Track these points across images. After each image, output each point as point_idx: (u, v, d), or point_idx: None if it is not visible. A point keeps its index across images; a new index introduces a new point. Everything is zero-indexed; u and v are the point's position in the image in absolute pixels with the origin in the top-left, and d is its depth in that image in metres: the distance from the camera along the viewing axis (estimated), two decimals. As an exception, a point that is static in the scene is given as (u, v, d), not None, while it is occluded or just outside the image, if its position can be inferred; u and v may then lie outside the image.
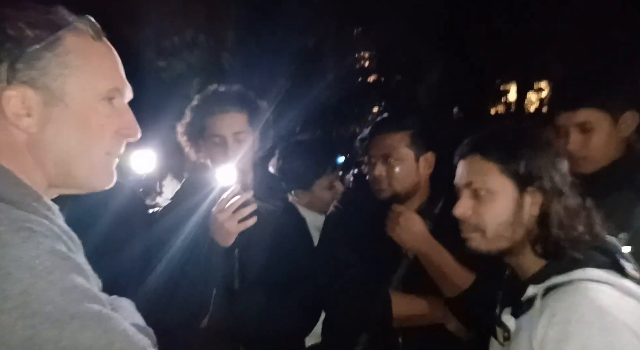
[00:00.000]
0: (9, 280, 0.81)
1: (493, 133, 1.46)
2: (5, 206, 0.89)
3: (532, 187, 1.35)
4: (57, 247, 0.88)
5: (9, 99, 0.95)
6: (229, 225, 1.84)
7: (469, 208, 1.41)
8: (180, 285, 1.89)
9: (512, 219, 1.36)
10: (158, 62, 8.16)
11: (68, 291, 0.86)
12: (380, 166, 2.05)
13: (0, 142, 0.97)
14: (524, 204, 1.36)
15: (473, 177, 1.41)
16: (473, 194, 1.41)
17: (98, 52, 1.04)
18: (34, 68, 0.96)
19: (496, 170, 1.38)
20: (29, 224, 0.87)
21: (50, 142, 0.99)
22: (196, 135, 2.11)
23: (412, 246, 2.01)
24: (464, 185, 1.43)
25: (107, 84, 1.03)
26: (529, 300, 1.32)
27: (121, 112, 1.06)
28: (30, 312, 0.82)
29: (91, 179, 1.05)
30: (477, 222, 1.40)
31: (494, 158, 1.38)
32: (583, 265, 1.29)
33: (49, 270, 0.85)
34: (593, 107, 1.91)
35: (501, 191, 1.37)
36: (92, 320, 0.86)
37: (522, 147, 1.37)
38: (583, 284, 1.25)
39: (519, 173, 1.36)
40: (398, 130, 2.07)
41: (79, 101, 0.99)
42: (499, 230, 1.37)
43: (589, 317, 1.18)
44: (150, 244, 1.98)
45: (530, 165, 1.35)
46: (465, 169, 1.44)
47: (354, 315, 2.00)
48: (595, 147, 1.92)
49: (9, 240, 0.84)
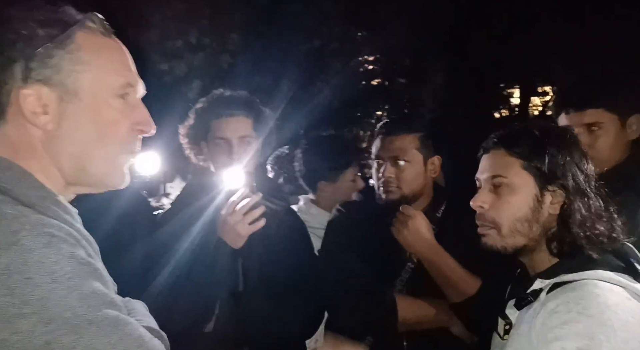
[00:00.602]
0: (29, 285, 0.82)
1: (519, 129, 1.46)
2: (25, 210, 0.90)
3: (554, 185, 1.36)
4: (77, 252, 0.89)
5: (26, 97, 0.96)
6: (241, 228, 1.86)
7: (488, 201, 1.42)
8: (186, 288, 1.88)
9: (530, 215, 1.37)
10: (162, 65, 8.17)
11: (86, 297, 0.86)
12: (390, 168, 2.04)
13: (17, 141, 0.98)
14: (544, 201, 1.36)
15: (495, 171, 1.41)
16: (493, 188, 1.41)
17: (109, 47, 1.05)
18: (48, 66, 0.96)
19: (519, 165, 1.38)
20: (49, 228, 0.87)
21: (66, 139, 0.99)
22: (199, 138, 2.11)
23: (416, 250, 2.00)
24: (485, 179, 1.44)
25: (119, 79, 1.04)
26: (534, 293, 1.32)
27: (135, 107, 1.07)
28: (49, 317, 0.82)
29: (106, 176, 1.06)
30: (494, 217, 1.40)
31: (518, 153, 1.39)
32: (595, 267, 1.28)
33: (69, 276, 0.85)
34: (601, 107, 1.90)
35: (522, 187, 1.37)
36: (109, 326, 0.87)
37: (547, 145, 1.37)
38: (592, 282, 1.25)
39: (542, 170, 1.36)
40: (408, 132, 2.07)
41: (92, 96, 1.00)
42: (516, 225, 1.37)
43: (591, 311, 1.17)
44: (154, 246, 1.97)
45: (554, 163, 1.35)
46: (489, 162, 1.45)
47: (358, 318, 1.99)
48: (601, 148, 1.91)
49: (30, 245, 0.84)
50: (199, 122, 2.10)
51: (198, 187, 2.14)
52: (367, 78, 13.55)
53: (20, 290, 0.81)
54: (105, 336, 0.86)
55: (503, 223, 1.38)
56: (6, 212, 0.87)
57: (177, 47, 8.31)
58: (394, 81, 13.76)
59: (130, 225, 2.05)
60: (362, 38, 12.32)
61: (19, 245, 0.83)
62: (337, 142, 3.14)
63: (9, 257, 0.82)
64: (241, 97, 2.13)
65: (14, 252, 0.83)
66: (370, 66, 13.86)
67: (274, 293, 2.01)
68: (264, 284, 2.02)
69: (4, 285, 0.81)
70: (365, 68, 13.72)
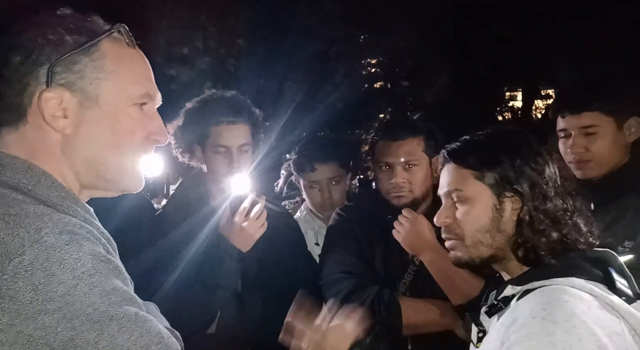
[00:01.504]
0: (52, 282, 0.84)
1: (467, 140, 1.45)
2: (47, 209, 0.92)
3: (509, 192, 1.33)
4: (98, 250, 0.90)
5: (48, 100, 0.98)
6: (253, 231, 1.92)
7: (448, 216, 1.41)
8: (195, 291, 1.90)
9: (490, 225, 1.34)
10: (167, 70, 8.19)
11: (107, 293, 0.88)
12: (402, 172, 2.04)
13: (36, 143, 1.01)
14: (504, 209, 1.34)
15: (451, 185, 1.41)
16: (452, 202, 1.41)
17: (132, 58, 1.08)
18: (72, 71, 1.00)
19: (471, 176, 1.37)
20: (71, 226, 0.89)
21: (83, 143, 1.02)
22: (194, 141, 2.10)
23: (419, 252, 2.00)
24: (444, 193, 1.44)
25: (139, 89, 1.06)
26: (505, 299, 1.30)
27: (152, 117, 1.09)
28: (72, 313, 0.84)
29: (121, 181, 1.08)
30: (457, 231, 1.39)
31: (468, 165, 1.38)
32: (568, 274, 1.24)
33: (90, 273, 0.87)
34: (597, 110, 1.90)
35: (478, 197, 1.35)
36: (129, 322, 0.89)
37: (497, 152, 1.35)
38: (562, 287, 1.21)
39: (495, 178, 1.34)
40: (415, 135, 2.08)
41: (112, 104, 1.03)
42: (477, 236, 1.35)
43: (557, 317, 1.12)
44: (159, 249, 1.98)
45: (506, 169, 1.33)
46: (444, 177, 1.44)
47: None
48: (598, 151, 1.91)
49: (53, 242, 0.85)
50: (194, 126, 2.08)
51: (193, 191, 2.15)
52: (370, 81, 13.55)
53: (43, 287, 0.83)
54: (127, 332, 0.88)
55: (465, 235, 1.37)
56: (29, 211, 0.89)
57: (183, 52, 8.34)
58: (397, 84, 13.76)
59: (133, 227, 2.05)
60: (366, 41, 12.33)
61: (42, 242, 0.85)
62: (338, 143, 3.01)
63: (33, 254, 0.84)
64: (240, 103, 2.12)
65: (37, 250, 0.84)
66: (373, 69, 13.87)
67: (270, 293, 2.03)
68: (261, 284, 2.03)
69: (28, 282, 0.82)
70: (369, 71, 13.72)
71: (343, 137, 3.37)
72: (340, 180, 2.62)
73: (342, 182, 2.63)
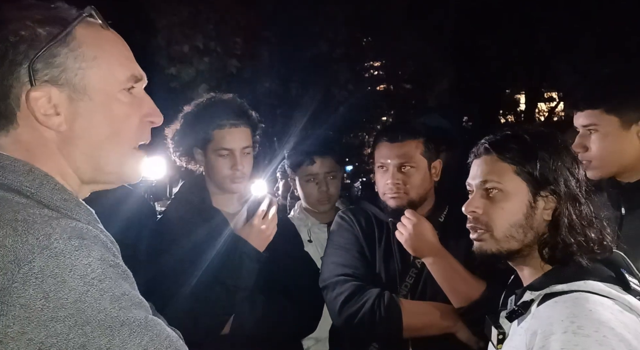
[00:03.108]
0: (63, 289, 0.82)
1: (510, 134, 1.45)
2: (52, 213, 0.90)
3: (546, 191, 1.35)
4: (106, 255, 0.89)
5: (36, 100, 0.95)
6: (270, 232, 2.00)
7: (480, 207, 1.40)
8: (215, 292, 1.93)
9: (524, 221, 1.36)
10: (168, 70, 8.21)
11: (118, 298, 0.87)
12: (397, 174, 2.05)
13: (32, 144, 0.97)
14: (537, 207, 1.35)
15: (487, 177, 1.40)
16: (486, 194, 1.40)
17: (110, 40, 1.03)
18: (53, 66, 0.95)
19: (511, 171, 1.37)
20: (78, 231, 0.88)
21: (81, 138, 0.99)
22: (192, 145, 2.11)
23: (422, 254, 2.00)
24: (477, 184, 1.43)
25: (124, 71, 1.02)
26: (525, 304, 1.31)
27: (142, 99, 1.06)
28: (83, 320, 0.83)
29: (122, 171, 1.05)
30: (487, 222, 1.39)
31: (510, 159, 1.38)
32: (585, 277, 1.26)
33: (101, 278, 0.86)
34: (599, 108, 1.84)
35: (515, 193, 1.36)
36: (139, 327, 0.88)
37: (539, 150, 1.36)
38: (583, 295, 1.22)
39: (534, 176, 1.35)
40: (413, 137, 2.08)
41: (102, 93, 0.99)
42: (510, 231, 1.36)
43: (587, 330, 1.14)
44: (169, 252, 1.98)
45: (546, 168, 1.34)
46: (480, 168, 1.43)
47: (363, 326, 1.98)
48: (597, 151, 1.85)
49: (62, 248, 0.84)
50: (195, 129, 2.09)
51: (195, 194, 2.16)
52: (373, 83, 13.56)
53: (54, 294, 0.82)
54: (137, 337, 0.87)
55: (497, 228, 1.37)
56: (36, 216, 0.87)
57: (184, 52, 8.35)
58: (400, 86, 13.76)
59: (136, 230, 2.05)
60: (369, 43, 12.33)
61: (52, 249, 0.83)
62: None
63: (43, 261, 0.82)
64: (240, 106, 2.14)
65: (47, 256, 0.83)
66: (376, 72, 13.88)
67: (275, 293, 2.05)
68: (268, 285, 2.05)
69: (38, 289, 0.81)
70: (372, 73, 13.73)
71: (339, 135, 3.44)
72: (336, 176, 2.68)
73: (338, 178, 2.69)
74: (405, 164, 2.05)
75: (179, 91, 7.83)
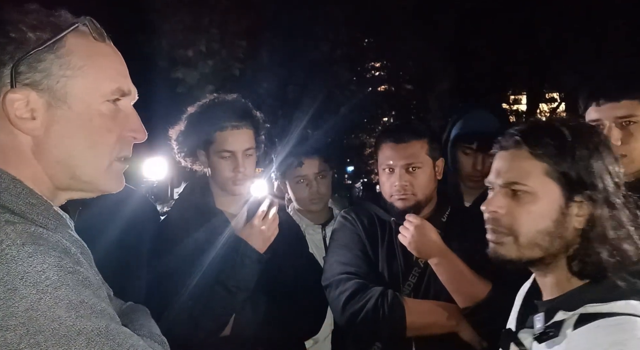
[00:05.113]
0: (14, 297, 0.80)
1: (544, 126, 1.25)
2: (12, 218, 0.88)
3: (582, 196, 1.17)
4: (64, 261, 0.86)
5: (13, 102, 0.93)
6: (271, 233, 2.00)
7: (503, 207, 1.23)
8: (217, 294, 1.93)
9: (553, 228, 1.18)
10: (171, 73, 8.23)
11: (75, 306, 0.84)
12: (404, 175, 2.04)
13: (6, 147, 0.96)
14: (569, 213, 1.18)
15: (514, 176, 1.22)
16: (510, 193, 1.23)
17: (100, 53, 1.02)
18: (37, 70, 0.94)
19: (543, 170, 1.19)
20: (35, 237, 0.85)
21: (55, 145, 0.97)
22: (195, 146, 2.11)
23: (426, 254, 1.99)
24: (500, 184, 1.25)
25: (110, 85, 1.01)
26: (556, 324, 1.15)
27: (128, 114, 1.04)
28: (35, 329, 0.80)
29: (98, 182, 1.03)
30: (511, 226, 1.22)
31: (542, 156, 1.19)
32: (626, 296, 1.11)
33: (56, 285, 0.83)
34: (637, 99, 1.73)
35: (545, 195, 1.19)
36: (99, 336, 0.85)
37: (577, 148, 1.17)
38: (628, 319, 1.07)
39: (570, 177, 1.17)
40: (418, 138, 2.08)
41: (82, 103, 0.98)
42: (536, 238, 1.19)
43: None
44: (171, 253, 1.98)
45: (584, 169, 1.16)
46: (506, 164, 1.25)
47: (366, 324, 1.98)
48: (636, 146, 1.73)
49: (14, 255, 0.82)
50: (198, 131, 2.09)
51: (198, 195, 2.16)
52: (374, 84, 13.56)
53: (4, 303, 0.79)
54: (96, 347, 0.84)
55: (522, 233, 1.20)
56: None
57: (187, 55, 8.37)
58: (401, 87, 13.76)
59: (138, 231, 2.05)
60: (370, 44, 12.33)
61: (3, 255, 0.81)
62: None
63: None
64: (243, 107, 2.13)
65: None
66: (377, 73, 13.87)
67: (278, 294, 2.05)
68: (271, 286, 2.05)
69: None
70: (373, 74, 13.73)
71: (325, 135, 3.51)
72: (326, 175, 2.72)
73: (327, 177, 2.73)
74: (413, 165, 2.04)
75: (186, 95, 7.84)
